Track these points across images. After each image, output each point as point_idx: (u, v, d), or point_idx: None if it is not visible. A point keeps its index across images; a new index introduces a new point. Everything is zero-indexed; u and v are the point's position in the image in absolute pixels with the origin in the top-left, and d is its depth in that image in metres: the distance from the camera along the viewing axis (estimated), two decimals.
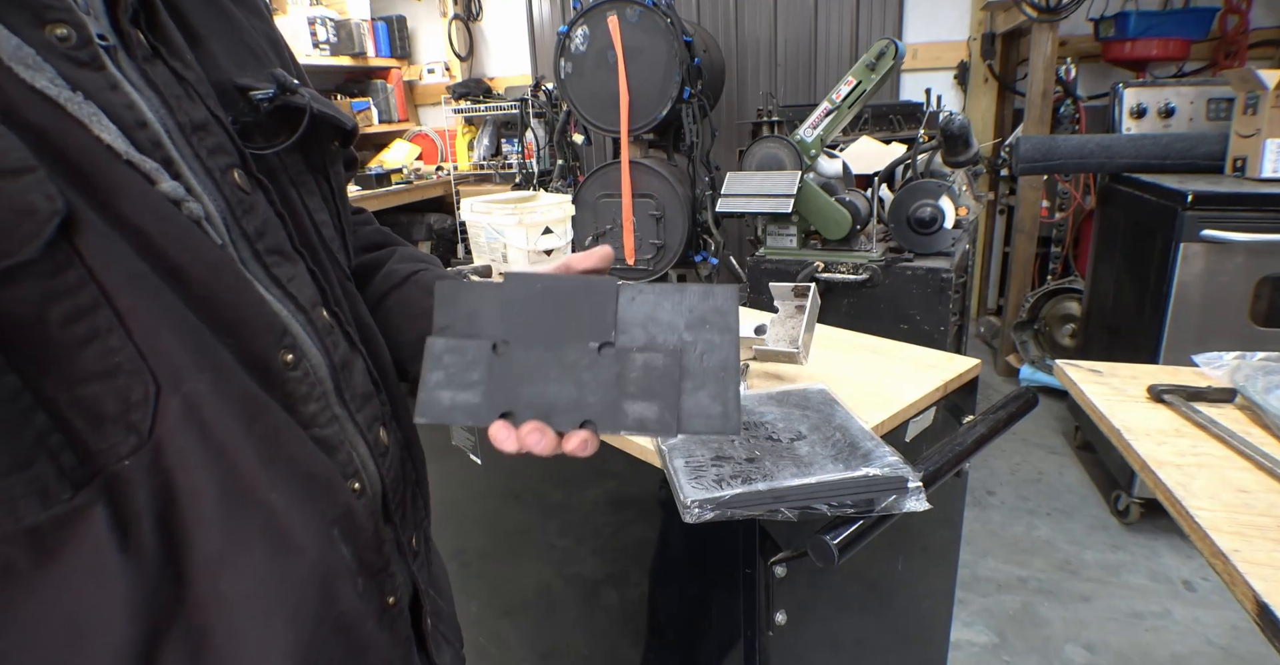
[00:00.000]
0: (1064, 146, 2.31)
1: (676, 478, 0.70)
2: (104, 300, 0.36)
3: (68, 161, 0.36)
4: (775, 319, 1.00)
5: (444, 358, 0.50)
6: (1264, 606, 0.54)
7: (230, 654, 0.40)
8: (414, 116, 5.16)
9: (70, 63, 0.37)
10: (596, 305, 0.50)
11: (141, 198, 0.38)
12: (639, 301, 0.50)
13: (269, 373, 0.44)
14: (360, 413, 0.51)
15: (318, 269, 0.51)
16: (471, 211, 1.71)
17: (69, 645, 0.36)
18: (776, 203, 2.02)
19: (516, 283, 0.51)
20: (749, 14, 3.98)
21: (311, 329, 0.48)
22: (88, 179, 0.36)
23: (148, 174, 0.39)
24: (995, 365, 3.36)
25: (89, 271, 0.35)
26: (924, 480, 0.69)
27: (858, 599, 1.00)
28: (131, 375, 0.37)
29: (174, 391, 0.38)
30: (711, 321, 0.50)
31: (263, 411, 0.42)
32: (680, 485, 0.69)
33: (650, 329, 0.50)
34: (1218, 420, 0.80)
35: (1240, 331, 1.92)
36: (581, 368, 0.49)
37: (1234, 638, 1.76)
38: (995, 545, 2.16)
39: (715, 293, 0.50)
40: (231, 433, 0.40)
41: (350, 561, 0.47)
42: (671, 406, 0.48)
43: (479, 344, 0.50)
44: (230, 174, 0.45)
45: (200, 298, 0.40)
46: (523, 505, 1.15)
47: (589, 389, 0.49)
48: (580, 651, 1.14)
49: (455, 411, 0.49)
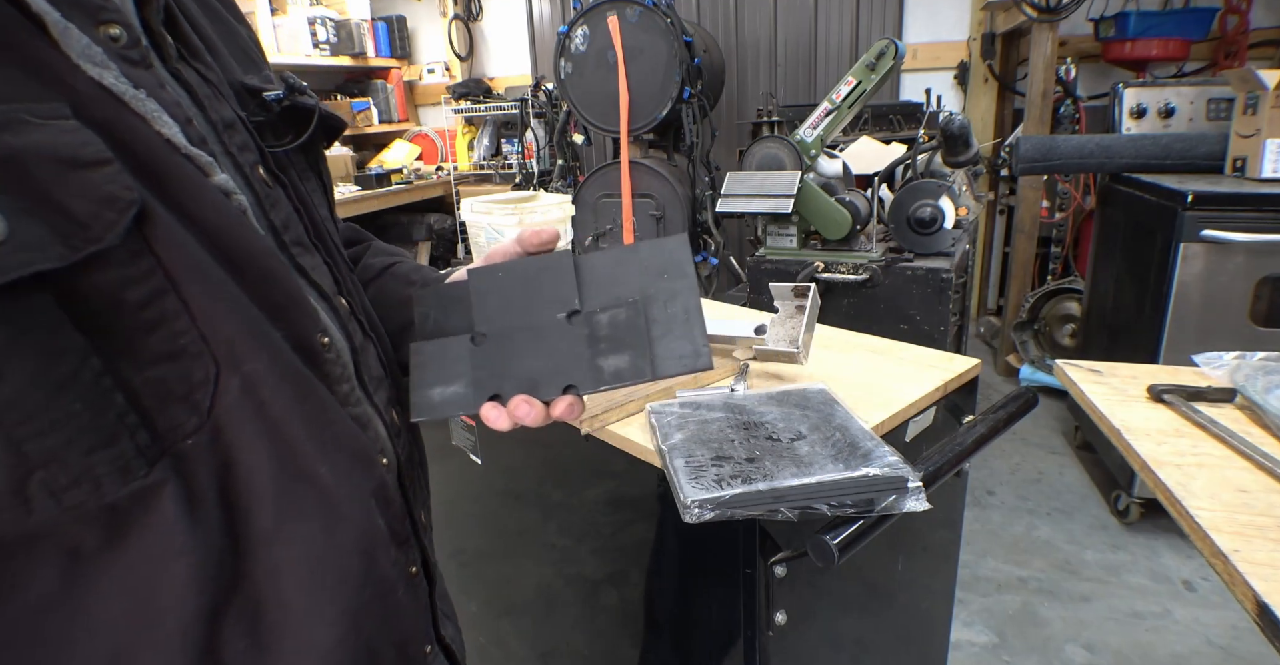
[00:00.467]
0: (1064, 146, 2.31)
1: (676, 478, 0.70)
2: (170, 286, 0.38)
3: (134, 155, 0.37)
4: (775, 319, 1.00)
5: (428, 359, 0.54)
6: (1264, 606, 0.54)
7: (282, 622, 0.42)
8: (414, 116, 5.16)
9: (125, 61, 0.39)
10: (557, 279, 0.53)
11: (199, 189, 0.41)
12: (598, 267, 0.53)
13: (312, 354, 0.46)
14: (376, 394, 0.53)
15: (330, 260, 0.53)
16: (471, 211, 1.71)
17: (139, 624, 0.38)
18: (776, 203, 2.02)
19: (480, 276, 0.55)
20: (749, 14, 3.98)
21: (334, 315, 0.51)
22: (151, 171, 0.38)
23: (202, 167, 0.41)
24: (995, 365, 3.36)
25: (157, 259, 0.37)
26: (924, 480, 0.69)
27: (858, 599, 1.00)
28: (195, 357, 0.39)
29: (233, 372, 0.40)
30: (669, 271, 0.53)
31: (311, 391, 0.45)
32: (680, 485, 0.69)
33: (613, 290, 0.53)
34: (1218, 420, 0.80)
35: (1240, 331, 1.92)
36: (555, 338, 0.52)
37: (1234, 638, 1.76)
38: (995, 545, 2.16)
39: (667, 245, 0.53)
40: (285, 411, 0.43)
41: (385, 532, 0.49)
42: (644, 353, 0.51)
43: (458, 340, 0.54)
44: (256, 169, 0.48)
45: (253, 284, 0.42)
46: (522, 505, 1.15)
47: (565, 356, 0.52)
48: (580, 651, 1.14)
49: (446, 405, 0.53)
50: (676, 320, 0.51)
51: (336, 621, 0.45)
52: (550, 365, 0.52)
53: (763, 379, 1.00)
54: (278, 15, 4.06)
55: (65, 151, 0.34)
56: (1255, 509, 0.66)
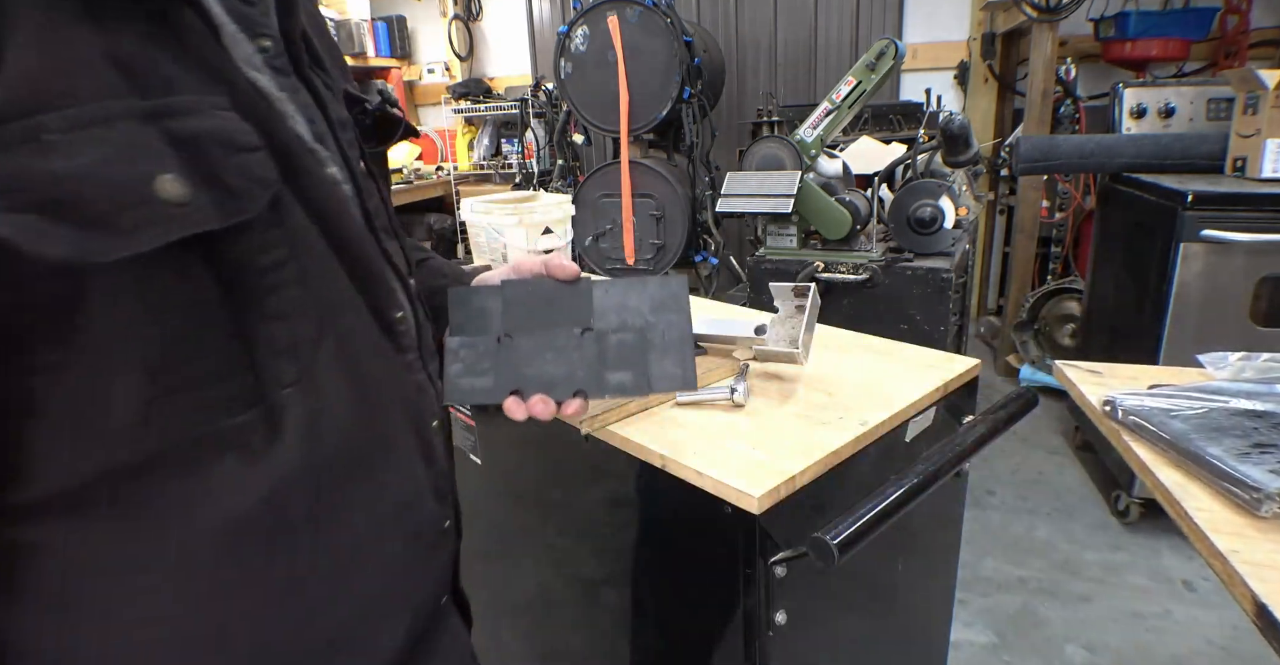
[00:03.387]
0: (1064, 146, 2.31)
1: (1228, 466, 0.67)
2: (292, 256, 0.45)
3: (275, 145, 0.44)
4: (775, 319, 1.00)
5: (460, 351, 0.63)
6: (1262, 607, 0.54)
7: (345, 549, 0.50)
8: (414, 116, 5.16)
9: (272, 69, 0.46)
10: (577, 300, 0.63)
11: (318, 179, 0.48)
12: (610, 294, 0.64)
13: (388, 324, 0.54)
14: (429, 365, 0.61)
15: (403, 247, 0.60)
16: (471, 211, 1.71)
17: (216, 543, 0.44)
18: (776, 203, 2.02)
19: (513, 287, 0.64)
20: (749, 14, 3.98)
21: (406, 294, 0.58)
22: (285, 160, 0.45)
23: (321, 160, 0.49)
24: (995, 365, 3.36)
25: (286, 233, 0.45)
26: (925, 481, 0.69)
27: (858, 599, 1.00)
28: (302, 318, 0.46)
29: (330, 334, 0.48)
30: (669, 305, 0.63)
31: (386, 355, 0.53)
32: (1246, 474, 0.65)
33: (621, 314, 0.63)
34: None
35: (1240, 331, 1.91)
36: (570, 349, 0.62)
37: (1234, 638, 1.76)
38: (995, 545, 2.16)
39: (670, 282, 0.64)
40: (368, 368, 0.51)
41: (430, 486, 0.58)
42: (643, 373, 0.62)
43: (486, 338, 0.63)
44: (359, 162, 0.55)
45: (350, 261, 0.50)
46: (523, 505, 1.15)
47: (577, 365, 0.62)
48: (580, 651, 1.14)
49: (475, 393, 0.62)
50: (672, 347, 0.62)
51: (388, 565, 0.53)
52: (565, 372, 0.62)
53: (763, 379, 1.00)
54: None
55: (232, 137, 0.41)
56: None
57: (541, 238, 1.68)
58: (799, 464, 0.77)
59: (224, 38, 0.43)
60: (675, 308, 0.63)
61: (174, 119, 0.39)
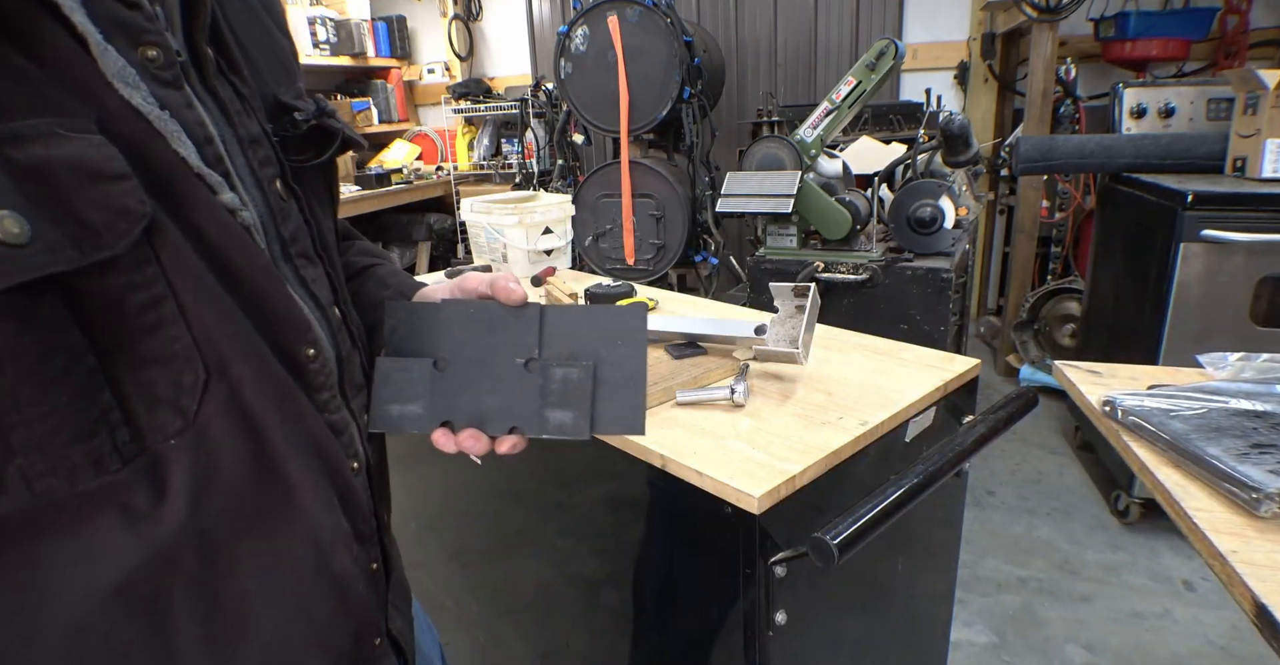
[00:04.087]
0: (1064, 146, 2.31)
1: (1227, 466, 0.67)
2: (171, 294, 0.40)
3: (151, 171, 0.40)
4: (775, 319, 1.00)
5: (391, 375, 0.57)
6: (1262, 607, 0.54)
7: (236, 611, 0.46)
8: (414, 116, 5.16)
9: (157, 82, 0.41)
10: (522, 327, 0.57)
11: (207, 207, 0.43)
12: (562, 321, 0.57)
13: (296, 364, 0.48)
14: (354, 400, 0.56)
15: (331, 271, 0.56)
16: (472, 211, 1.71)
17: (93, 605, 0.40)
18: (776, 203, 2.02)
19: (453, 308, 0.58)
20: (749, 14, 3.98)
21: (327, 325, 0.53)
22: (165, 187, 0.41)
23: (212, 186, 0.44)
24: (995, 365, 3.36)
25: (162, 268, 0.40)
26: (925, 481, 0.69)
27: (858, 599, 1.00)
28: (186, 362, 0.41)
29: (220, 378, 0.43)
30: (624, 338, 0.56)
31: (291, 397, 0.48)
32: (1245, 474, 0.65)
33: (572, 345, 0.57)
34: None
35: (1240, 332, 1.91)
36: (510, 380, 0.56)
37: (1234, 638, 1.76)
38: (995, 545, 2.16)
39: (627, 313, 0.57)
40: (265, 416, 0.45)
41: (348, 530, 0.53)
42: (585, 413, 0.56)
43: (421, 362, 0.57)
44: (274, 183, 0.50)
45: (247, 296, 0.45)
46: (523, 505, 1.15)
47: (516, 399, 0.56)
48: (580, 651, 1.14)
49: (403, 421, 0.57)
50: (622, 386, 0.56)
51: (287, 609, 0.48)
52: (501, 405, 0.56)
53: (763, 379, 1.01)
54: None
55: (90, 164, 0.37)
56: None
57: (542, 238, 1.68)
58: (799, 464, 0.78)
59: (93, 49, 0.38)
60: (631, 341, 0.56)
61: (15, 147, 0.34)
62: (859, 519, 0.69)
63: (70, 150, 0.36)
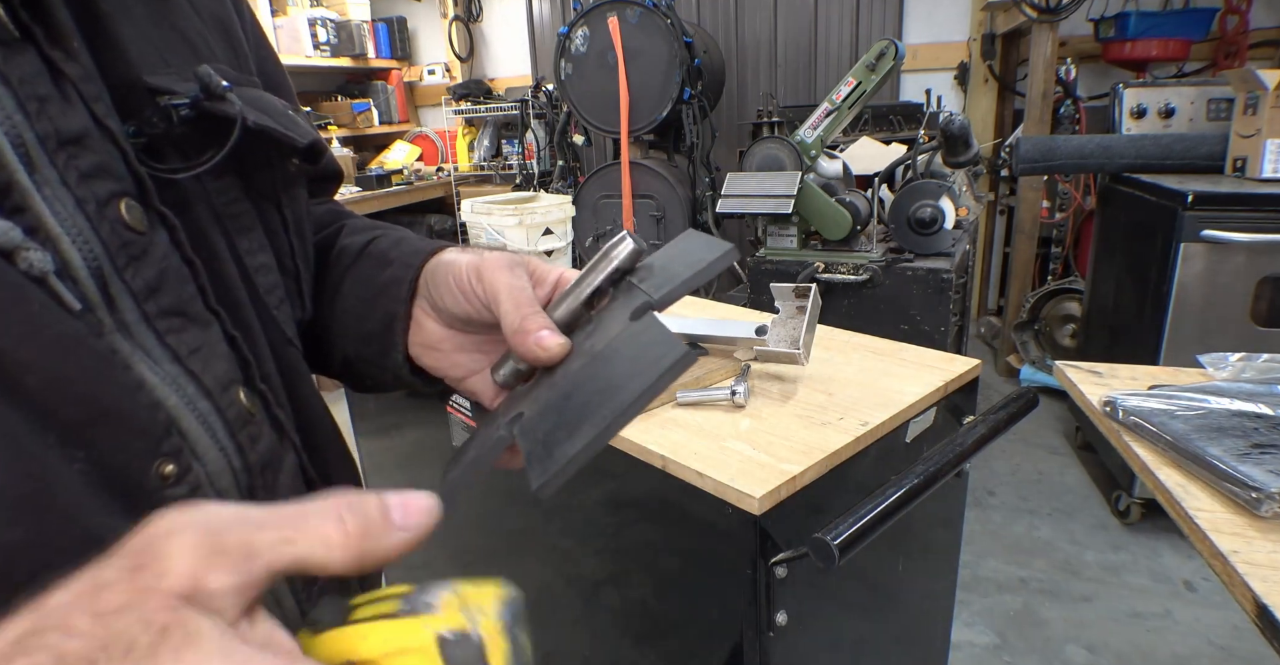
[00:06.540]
0: (1064, 147, 2.31)
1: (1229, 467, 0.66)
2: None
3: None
4: (776, 320, 1.00)
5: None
6: (1263, 608, 0.54)
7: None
8: (414, 117, 5.16)
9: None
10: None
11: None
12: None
13: (135, 495, 0.31)
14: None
15: (240, 333, 0.39)
16: (472, 212, 1.71)
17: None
18: (777, 203, 2.02)
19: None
20: (749, 14, 3.98)
21: (219, 420, 0.36)
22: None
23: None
24: (995, 365, 3.36)
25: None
26: (925, 481, 0.69)
27: (858, 599, 1.00)
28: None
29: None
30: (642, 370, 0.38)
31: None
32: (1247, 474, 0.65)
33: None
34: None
35: (1240, 332, 1.92)
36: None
37: (1235, 638, 1.75)
38: (996, 545, 2.16)
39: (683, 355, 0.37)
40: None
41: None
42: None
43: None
44: (114, 206, 0.33)
45: (31, 394, 0.27)
46: (523, 505, 1.15)
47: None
48: (580, 651, 1.14)
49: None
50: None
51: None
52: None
53: (763, 379, 1.01)
54: (278, 16, 4.06)
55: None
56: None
57: (542, 238, 1.69)
58: (799, 465, 0.78)
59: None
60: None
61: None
62: (859, 519, 0.70)
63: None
